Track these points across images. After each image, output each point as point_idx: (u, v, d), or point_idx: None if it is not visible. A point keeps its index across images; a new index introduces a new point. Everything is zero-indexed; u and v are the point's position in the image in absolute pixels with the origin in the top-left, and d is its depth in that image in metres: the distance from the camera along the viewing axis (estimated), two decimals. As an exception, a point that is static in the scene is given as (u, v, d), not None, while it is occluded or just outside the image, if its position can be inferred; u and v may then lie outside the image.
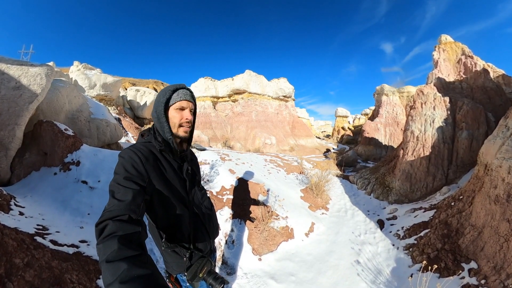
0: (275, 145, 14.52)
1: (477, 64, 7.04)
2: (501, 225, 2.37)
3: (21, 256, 1.57)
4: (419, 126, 5.74)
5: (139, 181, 0.68)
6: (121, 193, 0.62)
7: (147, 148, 0.79)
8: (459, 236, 2.83)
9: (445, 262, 2.57)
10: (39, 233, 2.08)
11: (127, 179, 0.66)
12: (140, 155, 0.73)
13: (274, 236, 2.86)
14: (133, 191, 0.64)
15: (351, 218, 4.19)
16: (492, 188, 2.64)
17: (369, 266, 2.78)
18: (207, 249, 0.90)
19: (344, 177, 6.94)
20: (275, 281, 2.31)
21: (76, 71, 11.06)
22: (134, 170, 0.69)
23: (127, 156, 0.72)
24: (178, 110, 0.82)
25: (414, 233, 3.37)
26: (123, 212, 0.58)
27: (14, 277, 1.41)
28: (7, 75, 3.65)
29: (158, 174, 0.77)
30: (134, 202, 0.62)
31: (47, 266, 1.61)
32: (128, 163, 0.70)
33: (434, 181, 5.12)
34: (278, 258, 2.65)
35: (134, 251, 0.51)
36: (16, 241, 1.69)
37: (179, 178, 0.84)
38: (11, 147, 3.54)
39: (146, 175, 0.72)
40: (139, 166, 0.71)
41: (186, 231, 0.82)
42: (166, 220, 0.79)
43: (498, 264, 2.19)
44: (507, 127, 2.98)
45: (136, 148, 0.76)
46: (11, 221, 2.10)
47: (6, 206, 2.38)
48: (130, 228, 0.55)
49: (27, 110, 3.60)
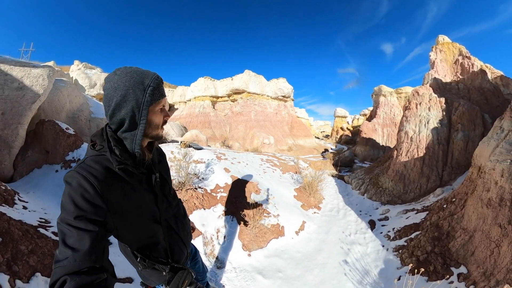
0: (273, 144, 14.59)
1: (475, 64, 7.03)
2: (492, 230, 2.29)
3: (25, 243, 1.71)
4: (413, 127, 5.77)
5: (95, 217, 0.53)
6: (74, 239, 0.49)
7: (101, 166, 0.60)
8: (449, 239, 2.75)
9: (434, 266, 2.51)
10: (42, 225, 2.21)
11: (79, 219, 0.51)
12: (93, 180, 0.55)
13: (265, 233, 2.97)
14: (90, 235, 0.51)
15: (343, 217, 4.27)
16: (485, 191, 2.56)
17: (357, 266, 2.80)
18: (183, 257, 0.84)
19: (339, 177, 7.02)
20: (263, 276, 2.41)
21: (76, 70, 11.22)
22: (86, 204, 0.53)
23: (75, 183, 0.54)
24: (160, 110, 0.67)
25: (404, 235, 3.33)
26: (81, 265, 0.47)
27: (20, 261, 1.56)
28: (11, 76, 3.78)
29: (119, 197, 0.61)
30: (93, 249, 0.50)
31: (49, 253, 1.76)
32: (77, 194, 0.53)
33: (428, 182, 5.14)
34: (267, 255, 2.75)
35: None
36: (21, 230, 1.83)
37: (148, 193, 0.70)
38: (14, 145, 3.69)
39: (104, 206, 0.56)
40: (92, 196, 0.54)
41: (161, 247, 0.74)
42: (138, 242, 0.70)
43: (488, 270, 2.12)
44: (502, 128, 2.92)
45: (86, 169, 0.57)
46: (16, 214, 2.23)
47: (10, 201, 2.51)
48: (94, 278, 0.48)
49: (29, 110, 3.74)
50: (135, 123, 0.62)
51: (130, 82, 0.61)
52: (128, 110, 0.61)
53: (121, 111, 0.61)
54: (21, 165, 3.83)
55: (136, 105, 0.61)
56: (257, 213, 3.04)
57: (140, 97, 0.61)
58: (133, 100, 0.61)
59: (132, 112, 0.61)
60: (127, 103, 0.61)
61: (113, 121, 0.63)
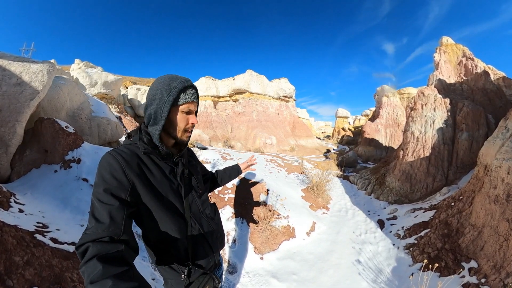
0: (275, 145, 14.52)
1: (478, 66, 7.08)
2: (500, 225, 2.38)
3: (21, 254, 1.55)
4: (419, 127, 5.75)
5: (119, 192, 0.60)
6: (99, 212, 0.56)
7: (130, 151, 0.68)
8: (459, 235, 2.85)
9: (445, 262, 2.59)
10: (39, 230, 2.07)
11: (106, 192, 0.58)
12: (120, 159, 0.63)
13: (276, 235, 2.86)
14: (112, 209, 0.57)
15: (352, 218, 4.19)
16: (492, 188, 2.65)
17: (369, 265, 2.79)
18: (209, 264, 0.78)
19: (344, 178, 6.95)
20: (277, 280, 2.31)
21: (77, 69, 11.04)
22: (113, 180, 0.60)
23: (105, 162, 0.63)
24: (185, 114, 0.71)
25: (414, 233, 3.38)
26: (102, 235, 0.53)
27: (14, 275, 1.39)
28: (9, 72, 3.63)
29: (143, 180, 0.66)
30: (113, 223, 0.55)
31: (47, 264, 1.60)
32: (105, 171, 0.61)
33: (434, 181, 5.13)
34: (280, 257, 2.65)
35: (119, 268, 0.49)
36: (16, 238, 1.68)
37: (171, 184, 0.72)
38: (12, 144, 3.53)
39: (128, 183, 0.62)
40: (118, 173, 0.61)
41: (182, 245, 0.72)
42: (157, 233, 0.69)
43: (498, 263, 2.21)
44: (507, 128, 3.01)
45: (116, 151, 0.66)
46: (11, 218, 2.08)
47: (6, 203, 2.36)
48: (112, 247, 0.53)
49: (28, 107, 3.59)
50: (157, 119, 0.69)
51: (161, 83, 0.70)
52: (154, 107, 0.70)
53: (149, 108, 0.71)
54: (18, 165, 3.67)
55: (159, 103, 0.69)
56: (267, 214, 2.92)
57: (165, 96, 0.68)
58: (159, 99, 0.69)
59: (156, 109, 0.69)
60: (155, 101, 0.70)
61: (145, 116, 0.74)
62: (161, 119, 0.68)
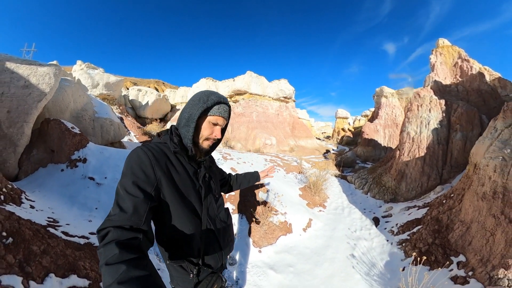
0: (275, 145, 14.65)
1: (473, 67, 7.21)
2: (487, 220, 2.51)
3: (37, 244, 1.69)
4: (414, 128, 5.89)
5: (146, 186, 0.63)
6: (125, 201, 0.59)
7: (160, 148, 0.73)
8: (449, 231, 2.97)
9: (435, 256, 2.71)
10: (51, 224, 2.20)
11: (133, 184, 0.62)
12: (150, 155, 0.68)
13: (274, 230, 2.99)
14: (137, 201, 0.60)
15: (348, 215, 4.32)
16: (480, 186, 2.78)
17: (363, 260, 2.91)
18: (218, 265, 0.81)
19: (342, 177, 7.07)
20: (275, 271, 2.44)
21: (79, 70, 11.19)
22: (141, 173, 0.64)
23: (136, 155, 0.67)
24: (212, 124, 0.77)
25: (407, 229, 3.49)
26: (124, 222, 0.56)
27: (32, 262, 1.53)
28: (17, 74, 3.78)
29: (169, 178, 0.70)
30: (136, 214, 0.58)
31: (61, 253, 1.73)
32: (135, 164, 0.65)
33: (429, 180, 5.25)
34: (277, 251, 2.78)
35: (133, 254, 0.51)
36: (32, 230, 1.81)
37: (193, 185, 0.76)
38: (20, 144, 3.66)
39: (154, 178, 0.66)
40: (148, 168, 0.66)
41: (196, 245, 0.74)
42: (173, 230, 0.72)
43: (484, 257, 2.33)
44: (496, 128, 3.11)
45: (147, 147, 0.71)
46: (24, 213, 2.21)
47: (17, 200, 2.49)
48: (131, 234, 0.55)
49: (35, 108, 3.73)
50: (189, 121, 0.76)
51: (203, 93, 0.79)
52: (189, 110, 0.78)
53: (185, 111, 0.79)
54: (26, 164, 3.80)
55: (195, 108, 0.77)
56: (266, 211, 3.06)
57: (201, 103, 0.76)
58: (195, 105, 0.77)
59: (190, 112, 0.77)
60: (192, 106, 0.78)
61: (179, 118, 0.81)
62: (192, 122, 0.74)
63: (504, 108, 3.13)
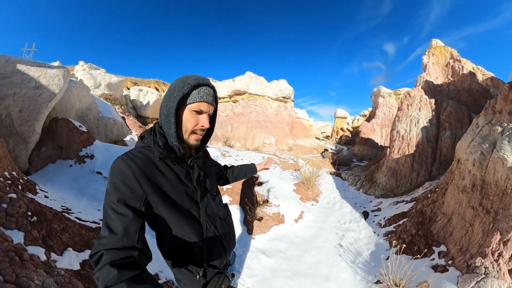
0: (274, 144, 14.89)
1: (465, 67, 7.42)
2: (467, 212, 2.63)
3: (57, 223, 1.96)
4: (404, 126, 6.11)
5: (133, 203, 0.58)
6: (114, 222, 0.55)
7: (144, 155, 0.64)
8: (431, 223, 3.11)
9: (418, 246, 2.85)
10: (65, 211, 2.46)
11: (120, 202, 0.56)
12: (133, 166, 0.60)
13: (267, 220, 3.24)
14: (127, 220, 0.55)
15: (339, 209, 4.56)
16: (461, 179, 2.91)
17: (350, 249, 3.12)
18: (222, 264, 0.78)
19: (337, 175, 7.32)
20: (266, 256, 2.68)
21: (81, 71, 11.45)
22: (126, 189, 0.58)
23: (117, 169, 0.59)
24: (195, 113, 0.66)
25: (393, 222, 3.70)
26: (116, 245, 0.53)
27: (54, 237, 1.80)
28: (27, 76, 4.04)
29: (158, 188, 0.63)
30: (127, 234, 0.54)
31: (78, 232, 2.00)
32: (118, 179, 0.58)
33: (418, 177, 5.47)
34: (269, 238, 3.02)
35: (132, 272, 0.50)
36: (51, 213, 2.08)
37: (187, 189, 0.69)
38: (31, 141, 3.92)
39: (142, 192, 0.60)
40: (132, 181, 0.59)
41: (198, 248, 0.70)
42: (172, 238, 0.67)
43: (463, 247, 2.45)
44: (477, 125, 3.25)
45: (129, 156, 0.62)
46: (41, 201, 2.47)
47: (33, 189, 2.76)
48: (125, 253, 0.53)
49: (46, 108, 3.99)
50: (169, 116, 0.65)
51: (178, 80, 0.66)
52: (165, 103, 0.66)
53: (163, 105, 0.67)
54: (36, 160, 4.06)
55: (170, 101, 0.64)
56: (260, 203, 3.31)
57: (176, 91, 0.64)
58: (171, 95, 0.64)
59: (167, 107, 0.65)
60: (168, 97, 0.65)
61: (159, 114, 0.69)
62: (171, 116, 0.64)
63: (486, 105, 3.27)
